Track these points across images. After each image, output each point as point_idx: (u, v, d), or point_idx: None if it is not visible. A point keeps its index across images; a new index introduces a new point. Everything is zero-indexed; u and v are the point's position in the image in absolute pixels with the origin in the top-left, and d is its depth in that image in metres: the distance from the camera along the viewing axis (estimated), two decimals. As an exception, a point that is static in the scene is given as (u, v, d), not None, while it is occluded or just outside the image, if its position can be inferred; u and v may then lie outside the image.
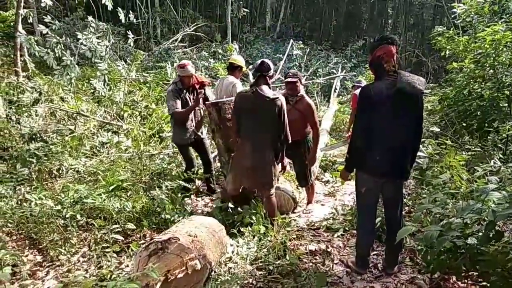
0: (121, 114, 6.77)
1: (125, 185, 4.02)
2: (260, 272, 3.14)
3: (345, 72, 13.98)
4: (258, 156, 3.73)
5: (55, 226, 3.41)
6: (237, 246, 3.41)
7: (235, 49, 9.29)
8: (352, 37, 19.35)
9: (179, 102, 4.48)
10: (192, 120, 4.67)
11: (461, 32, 7.25)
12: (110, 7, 7.25)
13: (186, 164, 4.88)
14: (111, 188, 3.91)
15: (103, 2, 7.09)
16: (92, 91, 7.93)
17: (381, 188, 3.13)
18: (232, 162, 4.00)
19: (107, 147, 5.76)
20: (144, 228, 3.61)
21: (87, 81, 8.59)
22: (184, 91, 4.58)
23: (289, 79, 4.27)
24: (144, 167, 4.49)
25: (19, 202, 3.88)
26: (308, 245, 3.74)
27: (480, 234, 2.84)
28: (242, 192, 4.23)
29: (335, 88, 12.30)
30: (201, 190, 5.09)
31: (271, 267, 3.15)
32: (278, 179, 4.10)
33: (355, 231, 4.07)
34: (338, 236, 4.03)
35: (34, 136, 5.51)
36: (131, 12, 8.13)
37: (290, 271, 3.13)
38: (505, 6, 6.55)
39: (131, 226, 3.41)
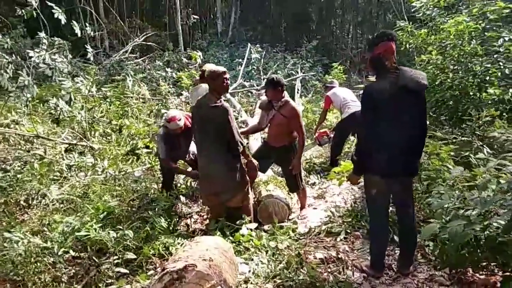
0: (88, 133, 6.31)
1: (116, 211, 3.68)
2: (280, 290, 2.96)
3: (304, 73, 14.05)
4: (212, 167, 3.67)
5: (43, 265, 3.02)
6: (250, 265, 3.20)
7: (199, 56, 9.06)
8: (302, 38, 19.46)
9: (166, 148, 4.32)
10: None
11: (410, 25, 7.42)
12: (63, 20, 6.73)
13: (162, 179, 4.72)
14: (101, 216, 3.54)
15: (55, 16, 6.54)
16: (48, 111, 7.35)
17: (391, 188, 3.06)
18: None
19: (74, 170, 5.33)
20: (148, 255, 3.27)
21: (37, 101, 7.97)
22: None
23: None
24: (133, 191, 4.15)
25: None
26: (315, 252, 3.61)
27: (494, 224, 2.85)
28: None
29: (297, 89, 12.31)
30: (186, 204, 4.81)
31: (290, 283, 2.97)
32: (249, 187, 3.98)
33: (357, 233, 4.01)
34: (341, 240, 3.92)
35: (-7, 166, 5.00)
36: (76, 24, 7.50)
37: (309, 284, 2.97)
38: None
39: (131, 255, 3.09)
